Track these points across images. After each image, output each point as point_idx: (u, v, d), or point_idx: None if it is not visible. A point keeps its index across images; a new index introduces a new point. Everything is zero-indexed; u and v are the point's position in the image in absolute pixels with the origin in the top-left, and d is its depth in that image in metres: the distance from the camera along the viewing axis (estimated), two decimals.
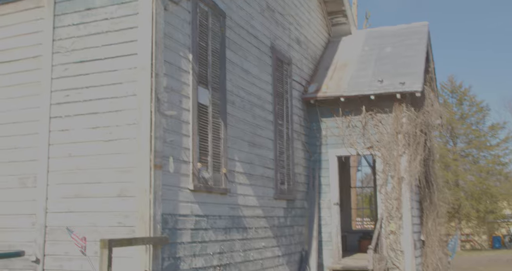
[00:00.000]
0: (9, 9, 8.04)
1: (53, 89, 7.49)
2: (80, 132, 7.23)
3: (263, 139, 10.04)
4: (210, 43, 8.31)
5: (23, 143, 7.61)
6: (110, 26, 7.23)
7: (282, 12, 11.51)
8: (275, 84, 10.72)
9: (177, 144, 7.25)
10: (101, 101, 7.15)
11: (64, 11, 7.57)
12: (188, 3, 7.76)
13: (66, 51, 7.47)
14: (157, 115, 6.80)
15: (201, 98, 7.92)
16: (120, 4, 7.20)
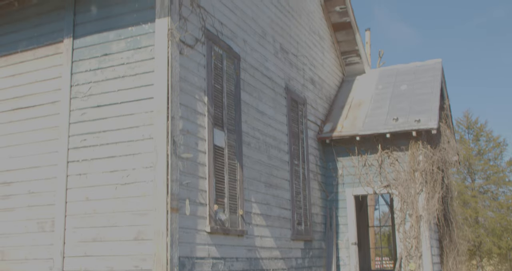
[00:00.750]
0: (29, 56, 8.21)
1: (71, 133, 7.58)
2: (97, 176, 7.28)
3: (279, 180, 10.04)
4: (225, 85, 8.40)
5: (41, 187, 7.67)
6: (126, 71, 7.35)
7: (296, 53, 11.64)
8: (290, 125, 10.77)
9: (193, 186, 7.27)
10: (118, 145, 7.22)
11: (82, 57, 7.72)
12: (203, 47, 7.89)
13: (84, 96, 7.58)
14: (173, 158, 6.85)
15: (217, 140, 7.97)
16: (137, 49, 7.33)
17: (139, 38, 7.33)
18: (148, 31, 7.27)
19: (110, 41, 7.55)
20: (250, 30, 9.55)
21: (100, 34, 7.64)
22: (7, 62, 8.40)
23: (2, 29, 8.58)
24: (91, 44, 7.69)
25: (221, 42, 8.41)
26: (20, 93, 8.18)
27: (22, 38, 8.35)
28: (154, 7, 7.25)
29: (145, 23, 7.32)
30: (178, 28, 7.23)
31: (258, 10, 10.01)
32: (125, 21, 7.49)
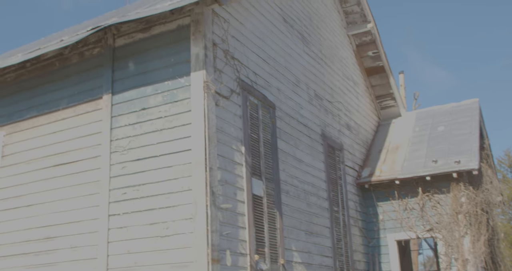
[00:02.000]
0: (70, 113, 8.44)
1: (112, 187, 7.69)
2: (138, 228, 7.34)
3: (320, 227, 9.95)
4: (262, 134, 8.47)
5: (84, 241, 7.76)
6: (164, 124, 7.48)
7: (331, 99, 11.70)
8: (328, 171, 10.74)
9: (233, 237, 7.26)
10: (157, 197, 7.29)
11: (121, 112, 7.90)
12: (238, 97, 8.01)
13: (123, 150, 7.72)
14: (212, 209, 6.88)
15: (255, 190, 7.99)
16: (174, 102, 7.47)
17: (176, 91, 7.48)
18: (184, 84, 7.42)
19: (148, 95, 7.72)
20: (283, 79, 9.67)
21: (138, 89, 7.83)
22: (49, 119, 8.64)
23: (44, 88, 8.88)
24: (130, 99, 7.87)
25: (255, 92, 8.53)
26: (62, 149, 8.37)
27: (63, 96, 8.61)
28: (189, 61, 7.43)
29: (181, 77, 7.48)
30: (214, 80, 7.37)
31: (291, 58, 10.15)
32: (161, 75, 7.68)
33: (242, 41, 8.44)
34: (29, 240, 8.30)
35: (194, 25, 7.50)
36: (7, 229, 8.60)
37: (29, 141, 8.81)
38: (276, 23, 9.77)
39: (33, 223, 8.34)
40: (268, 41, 9.32)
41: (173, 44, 7.70)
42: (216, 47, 7.64)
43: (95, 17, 12.33)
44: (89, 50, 8.54)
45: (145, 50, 7.95)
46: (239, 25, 8.44)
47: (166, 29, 7.82)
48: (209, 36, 7.49)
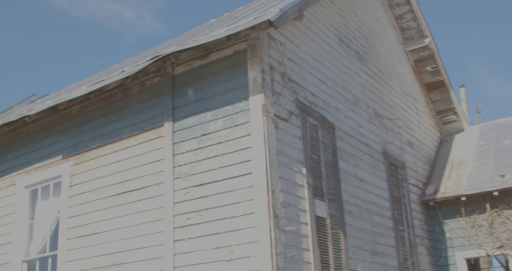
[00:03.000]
0: (133, 141, 8.64)
1: (176, 213, 7.80)
2: (203, 253, 7.39)
3: (385, 247, 9.79)
4: (322, 155, 8.45)
5: (150, 267, 7.87)
6: (225, 149, 7.56)
7: (391, 117, 11.58)
8: (391, 190, 10.59)
9: (298, 259, 7.23)
10: (221, 222, 7.34)
11: (182, 138, 8.03)
12: (297, 119, 8.02)
13: (186, 176, 7.83)
14: (276, 232, 6.87)
15: (318, 211, 7.95)
16: (233, 127, 7.55)
17: (235, 116, 7.56)
18: (243, 108, 7.50)
19: (208, 121, 7.83)
20: (342, 99, 9.64)
21: (198, 115, 7.95)
22: (113, 149, 8.87)
23: (107, 118, 9.13)
24: (190, 126, 8.00)
25: (314, 113, 8.53)
26: (126, 177, 8.56)
27: (126, 125, 8.82)
28: (247, 86, 7.51)
29: (239, 101, 7.56)
30: (272, 103, 7.42)
31: (349, 78, 10.11)
32: (220, 101, 7.78)
33: (299, 63, 8.48)
34: (97, 267, 8.48)
35: (251, 50, 7.59)
36: (77, 256, 8.82)
37: (95, 170, 9.05)
38: (332, 43, 9.78)
39: (101, 250, 8.53)
40: (325, 61, 9.33)
41: (230, 69, 7.80)
42: (273, 71, 7.70)
43: (154, 47, 12.64)
44: (149, 80, 8.75)
45: (204, 77, 8.08)
46: (295, 48, 8.48)
47: (223, 55, 7.94)
48: (265, 60, 7.56)
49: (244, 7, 11.42)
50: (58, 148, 9.81)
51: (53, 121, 10.03)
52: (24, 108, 12.65)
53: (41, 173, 9.94)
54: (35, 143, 10.25)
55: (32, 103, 14.46)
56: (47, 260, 9.53)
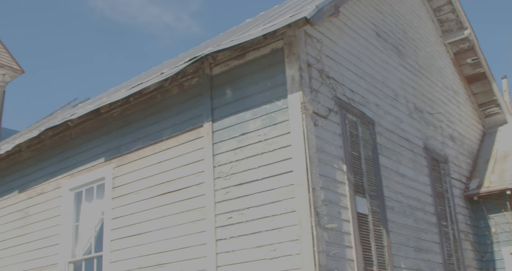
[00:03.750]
0: (173, 143, 8.72)
1: (217, 212, 7.84)
2: (245, 252, 7.42)
3: (429, 243, 9.67)
4: (362, 151, 8.39)
5: (193, 266, 7.93)
6: (264, 148, 7.57)
7: (431, 111, 11.42)
8: (433, 185, 10.45)
9: (340, 256, 7.20)
10: (262, 220, 7.35)
11: (221, 138, 8.07)
12: (336, 116, 7.98)
13: (226, 176, 7.87)
14: (318, 229, 6.86)
15: (359, 208, 7.90)
16: (272, 125, 7.56)
17: (274, 114, 7.57)
18: (281, 107, 7.50)
19: (247, 120, 7.85)
20: (381, 94, 9.55)
21: (237, 115, 7.98)
22: (154, 150, 8.97)
23: (147, 120, 9.23)
24: (229, 125, 8.03)
25: (353, 109, 8.48)
26: (167, 178, 8.64)
27: (166, 126, 8.91)
28: (285, 84, 7.50)
29: (278, 99, 7.57)
30: (311, 101, 7.40)
31: (387, 73, 10.02)
32: (259, 100, 7.80)
33: (337, 59, 8.44)
34: (141, 267, 8.59)
35: (288, 48, 7.58)
36: (121, 257, 8.95)
37: (137, 172, 9.16)
38: (369, 38, 9.70)
39: (144, 250, 8.63)
40: (363, 57, 9.26)
41: (268, 68, 7.81)
42: (311, 68, 7.68)
43: (191, 48, 12.73)
44: (188, 81, 8.82)
45: (242, 76, 8.11)
46: (333, 44, 8.44)
47: (260, 54, 7.95)
48: (303, 58, 7.54)
49: (279, 6, 11.41)
50: (100, 151, 9.97)
51: (95, 125, 10.20)
52: (67, 113, 12.89)
53: (84, 175, 10.11)
54: (78, 146, 10.44)
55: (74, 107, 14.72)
56: (93, 261, 9.70)
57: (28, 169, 11.50)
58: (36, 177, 11.20)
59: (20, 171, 11.67)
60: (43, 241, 10.52)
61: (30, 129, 14.18)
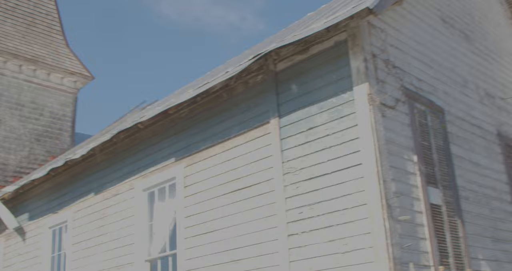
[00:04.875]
0: (241, 140, 8.79)
1: (288, 208, 7.85)
2: (317, 247, 7.40)
3: (507, 233, 9.37)
4: (433, 141, 8.21)
5: (266, 262, 7.97)
6: (333, 141, 7.52)
7: (503, 96, 11.06)
8: (509, 173, 10.11)
9: (414, 249, 7.07)
10: (333, 214, 7.31)
11: (289, 134, 8.07)
12: (404, 106, 7.85)
13: (295, 171, 7.87)
14: (390, 222, 6.76)
15: (432, 199, 7.74)
16: (340, 118, 7.50)
17: (341, 107, 7.51)
18: (348, 99, 7.43)
19: (313, 114, 7.83)
20: (450, 82, 9.32)
21: (303, 109, 7.96)
22: (223, 148, 9.06)
23: (215, 119, 9.34)
24: (296, 120, 8.03)
25: (422, 98, 8.31)
26: (237, 175, 8.72)
27: (233, 124, 8.99)
28: (350, 76, 7.43)
29: (344, 92, 7.51)
30: (377, 92, 7.30)
31: (455, 59, 9.76)
32: (324, 93, 7.75)
33: (402, 48, 8.29)
34: (216, 264, 8.70)
35: (352, 40, 7.51)
36: (195, 254, 9.10)
37: (207, 170, 9.28)
38: (435, 25, 9.48)
39: (218, 247, 8.74)
40: (429, 45, 9.06)
41: (332, 61, 7.76)
42: (376, 58, 7.57)
43: (254, 45, 12.78)
44: (253, 78, 8.86)
45: (306, 71, 8.09)
46: (397, 33, 8.30)
47: (323, 47, 7.91)
48: (367, 48, 7.45)
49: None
50: (170, 151, 10.15)
51: (164, 126, 10.39)
52: (137, 116, 13.19)
53: (156, 176, 10.33)
54: (149, 147, 10.67)
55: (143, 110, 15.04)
56: (168, 259, 9.90)
57: (102, 171, 11.85)
58: (111, 179, 11.52)
59: (95, 173, 12.04)
60: (120, 241, 10.82)
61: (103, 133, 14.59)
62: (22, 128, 18.44)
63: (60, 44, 20.56)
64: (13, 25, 19.72)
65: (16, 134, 18.24)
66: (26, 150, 18.33)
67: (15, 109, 18.48)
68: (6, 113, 18.23)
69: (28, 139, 18.46)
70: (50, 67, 19.52)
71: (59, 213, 12.98)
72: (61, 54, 20.24)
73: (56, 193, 13.31)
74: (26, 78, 19.02)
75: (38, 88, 19.23)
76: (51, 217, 13.30)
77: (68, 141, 19.31)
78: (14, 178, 17.61)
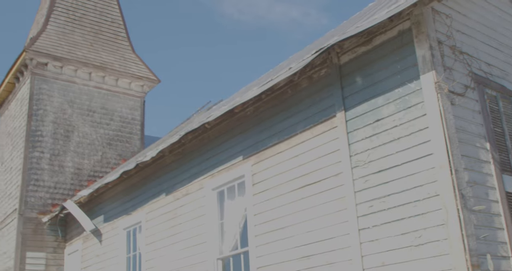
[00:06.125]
0: (307, 135, 8.74)
1: (358, 202, 7.75)
2: (389, 240, 7.27)
3: None
4: (506, 127, 7.92)
5: (338, 257, 7.89)
6: (401, 132, 7.37)
7: None
8: None
9: (491, 239, 6.84)
10: (405, 207, 7.16)
11: (356, 127, 7.97)
12: (473, 92, 7.61)
13: (364, 164, 7.76)
14: (465, 212, 6.56)
15: (508, 187, 7.46)
16: (407, 109, 7.34)
17: (407, 97, 7.35)
18: (414, 89, 7.27)
19: (380, 106, 7.70)
20: None
21: (369, 101, 7.85)
22: (290, 144, 9.03)
23: (280, 115, 9.33)
24: (362, 113, 7.92)
25: (492, 83, 8.03)
26: (305, 171, 8.67)
27: (298, 120, 8.95)
28: (416, 65, 7.27)
29: (410, 82, 7.34)
30: (445, 79, 7.11)
31: None
32: (390, 84, 7.61)
33: (469, 33, 8.04)
34: (288, 260, 8.67)
35: (416, 27, 7.34)
36: (266, 251, 9.10)
37: (274, 167, 9.28)
38: (503, 7, 9.13)
39: (289, 244, 8.71)
40: (497, 28, 8.75)
41: (396, 50, 7.61)
42: (442, 45, 7.37)
43: (316, 40, 12.69)
44: (317, 72, 8.80)
45: (370, 62, 7.96)
46: (463, 18, 8.05)
47: (387, 37, 7.77)
48: (432, 36, 7.26)
49: None
50: (238, 149, 10.20)
51: (231, 125, 10.46)
52: (203, 116, 13.32)
53: (225, 174, 10.40)
54: (217, 146, 10.76)
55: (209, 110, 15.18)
56: (240, 256, 9.96)
57: (172, 172, 12.04)
58: (181, 179, 11.68)
59: (165, 174, 12.25)
60: (192, 240, 10.95)
61: (171, 134, 14.82)
62: (94, 133, 18.98)
63: (126, 50, 21.06)
64: (81, 34, 20.32)
65: (89, 140, 18.79)
66: (98, 154, 18.85)
67: (86, 116, 19.04)
68: (79, 120, 18.81)
69: (100, 144, 18.98)
70: (118, 73, 20.02)
71: (133, 214, 13.28)
72: (128, 59, 20.72)
73: (129, 195, 13.63)
74: (96, 85, 19.57)
75: (108, 94, 19.74)
76: (125, 218, 13.63)
77: (138, 143, 19.74)
78: (89, 182, 18.14)
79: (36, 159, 17.58)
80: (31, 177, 17.33)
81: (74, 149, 18.38)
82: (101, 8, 21.20)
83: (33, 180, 17.36)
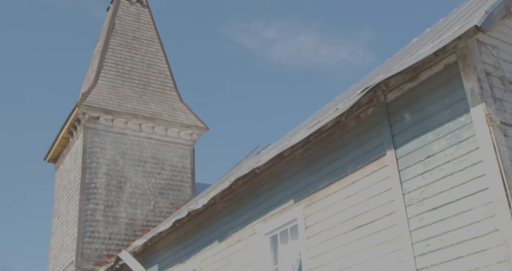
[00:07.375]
0: (358, 175, 8.63)
1: (414, 241, 7.55)
2: None
3: None
4: None
5: None
6: (454, 167, 7.20)
7: None
8: None
9: None
10: (463, 244, 6.93)
11: (407, 164, 7.83)
12: None
13: (418, 202, 7.59)
14: None
15: None
16: (458, 143, 7.19)
17: (458, 131, 7.21)
18: (465, 122, 7.14)
19: (430, 142, 7.57)
20: None
21: (419, 138, 7.73)
22: (341, 185, 8.92)
23: (329, 157, 9.27)
24: (413, 150, 7.79)
25: None
26: (357, 212, 8.52)
27: (348, 160, 8.86)
28: (465, 98, 7.15)
29: (460, 115, 7.22)
30: (496, 111, 6.96)
31: None
32: (439, 119, 7.50)
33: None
34: None
35: (462, 61, 7.25)
36: None
37: (327, 209, 9.16)
38: None
39: None
40: None
41: (444, 85, 7.51)
42: (490, 77, 7.25)
43: (361, 79, 12.67)
44: (364, 112, 8.74)
45: (417, 98, 7.88)
46: (510, 47, 7.91)
47: (433, 72, 7.70)
48: (480, 67, 7.16)
49: (444, 19, 10.98)
50: (288, 193, 10.13)
51: (280, 168, 10.43)
52: (252, 161, 13.34)
53: (277, 219, 10.32)
54: (267, 191, 10.71)
55: (258, 154, 15.22)
56: None
57: (224, 219, 12.01)
58: (233, 225, 11.63)
59: (218, 221, 12.22)
60: None
61: (221, 180, 14.87)
62: (146, 183, 19.22)
63: (175, 100, 21.46)
64: (131, 87, 20.85)
65: (141, 190, 19.02)
66: (151, 203, 19.04)
67: (138, 166, 19.33)
68: (131, 171, 19.10)
69: (152, 193, 19.19)
70: (167, 123, 20.37)
71: (186, 262, 13.24)
72: (176, 109, 21.08)
73: (182, 243, 13.62)
74: (146, 135, 19.93)
75: (158, 143, 20.07)
76: (179, 267, 13.59)
77: (189, 191, 19.88)
78: (142, 231, 18.27)
79: (90, 211, 17.86)
80: (86, 229, 17.58)
81: (127, 200, 18.62)
82: (149, 60, 21.76)
83: (89, 231, 17.60)
